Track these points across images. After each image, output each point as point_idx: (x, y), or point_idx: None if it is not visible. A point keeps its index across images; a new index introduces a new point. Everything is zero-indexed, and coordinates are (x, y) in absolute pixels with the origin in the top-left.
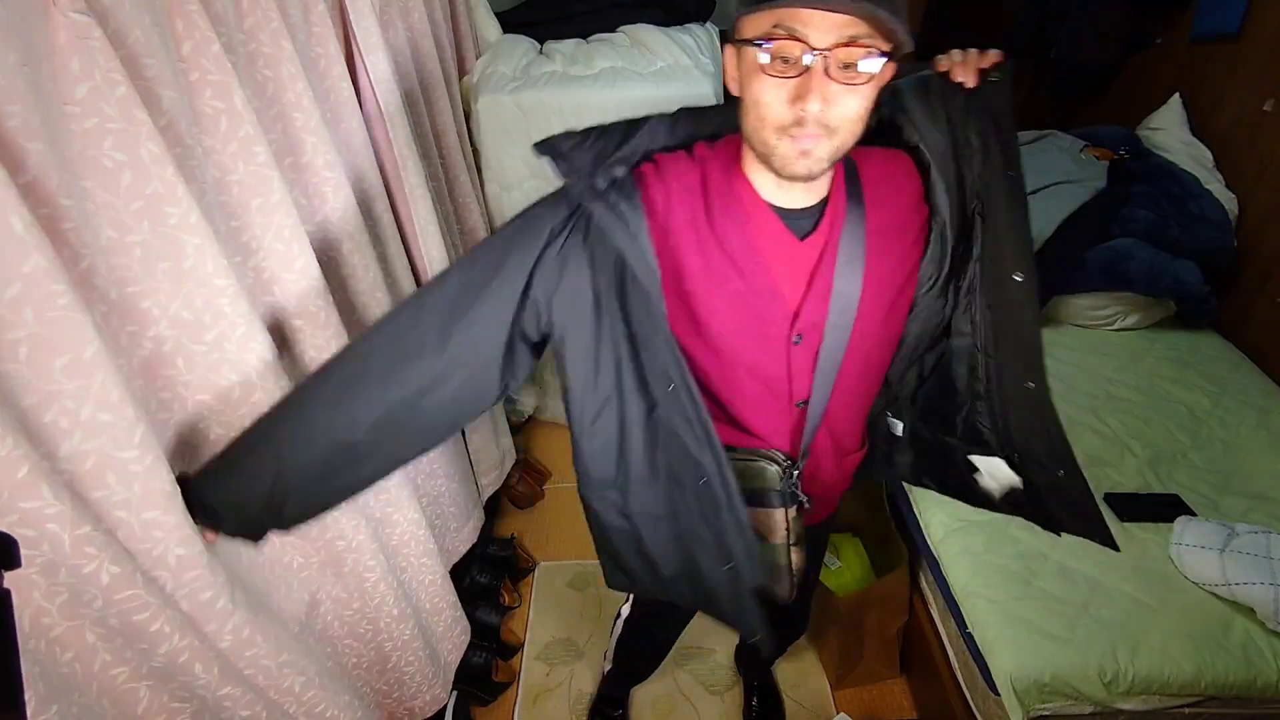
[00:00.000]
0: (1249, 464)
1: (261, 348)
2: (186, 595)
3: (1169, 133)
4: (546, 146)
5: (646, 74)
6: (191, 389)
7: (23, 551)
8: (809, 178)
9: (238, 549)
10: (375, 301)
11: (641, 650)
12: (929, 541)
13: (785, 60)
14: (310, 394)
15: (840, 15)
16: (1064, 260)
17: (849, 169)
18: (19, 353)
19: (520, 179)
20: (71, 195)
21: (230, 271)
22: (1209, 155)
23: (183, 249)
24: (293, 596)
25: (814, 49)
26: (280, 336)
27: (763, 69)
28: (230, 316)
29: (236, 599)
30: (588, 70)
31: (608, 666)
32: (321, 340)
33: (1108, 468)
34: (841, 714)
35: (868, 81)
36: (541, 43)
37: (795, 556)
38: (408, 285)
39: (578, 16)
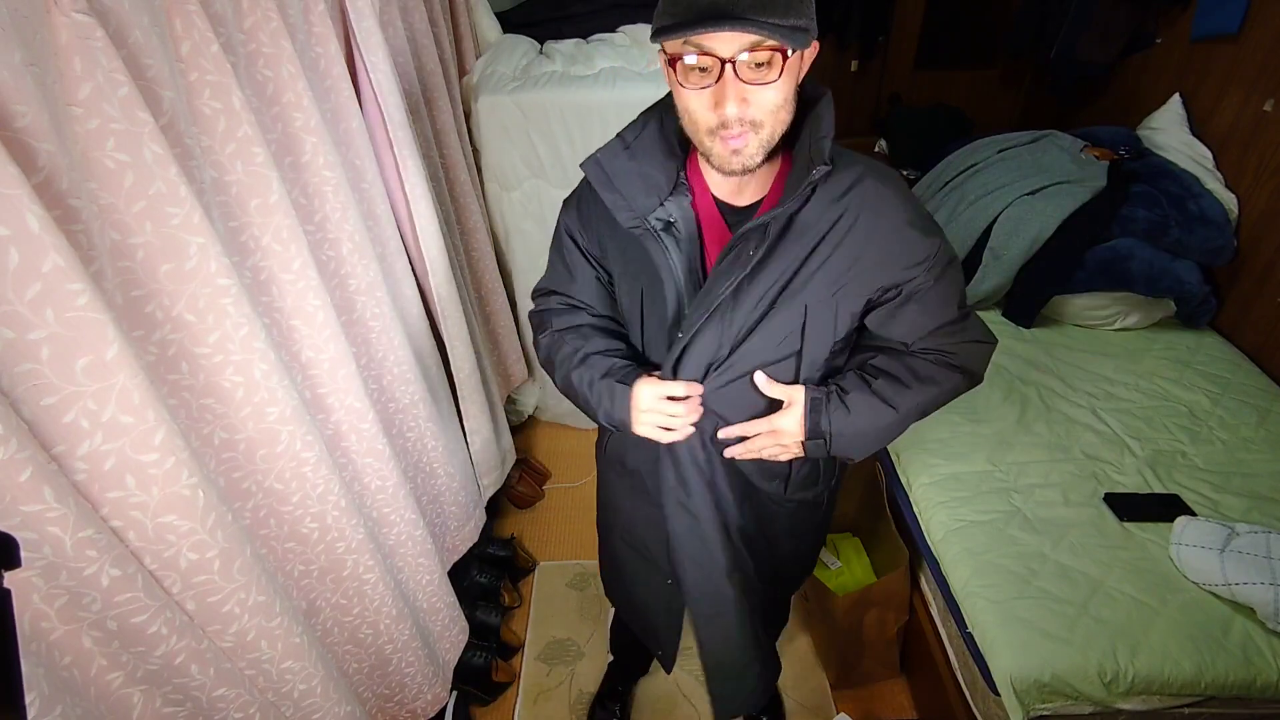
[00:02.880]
0: (1249, 464)
1: (263, 347)
2: (194, 597)
3: (1169, 133)
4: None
5: (646, 74)
6: (196, 393)
7: (23, 554)
8: (745, 171)
9: (249, 558)
10: (374, 301)
11: (629, 642)
12: (929, 541)
13: (701, 70)
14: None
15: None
16: (1064, 260)
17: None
18: (40, 353)
19: (520, 179)
20: (80, 196)
21: (232, 271)
22: (1209, 155)
23: (185, 250)
24: (291, 604)
25: (721, 59)
26: (278, 336)
27: (682, 82)
28: (234, 317)
29: (245, 604)
30: (588, 70)
31: (610, 658)
32: (319, 340)
33: (1108, 467)
34: (841, 714)
35: (780, 76)
36: (541, 43)
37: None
38: (408, 285)
39: (578, 16)
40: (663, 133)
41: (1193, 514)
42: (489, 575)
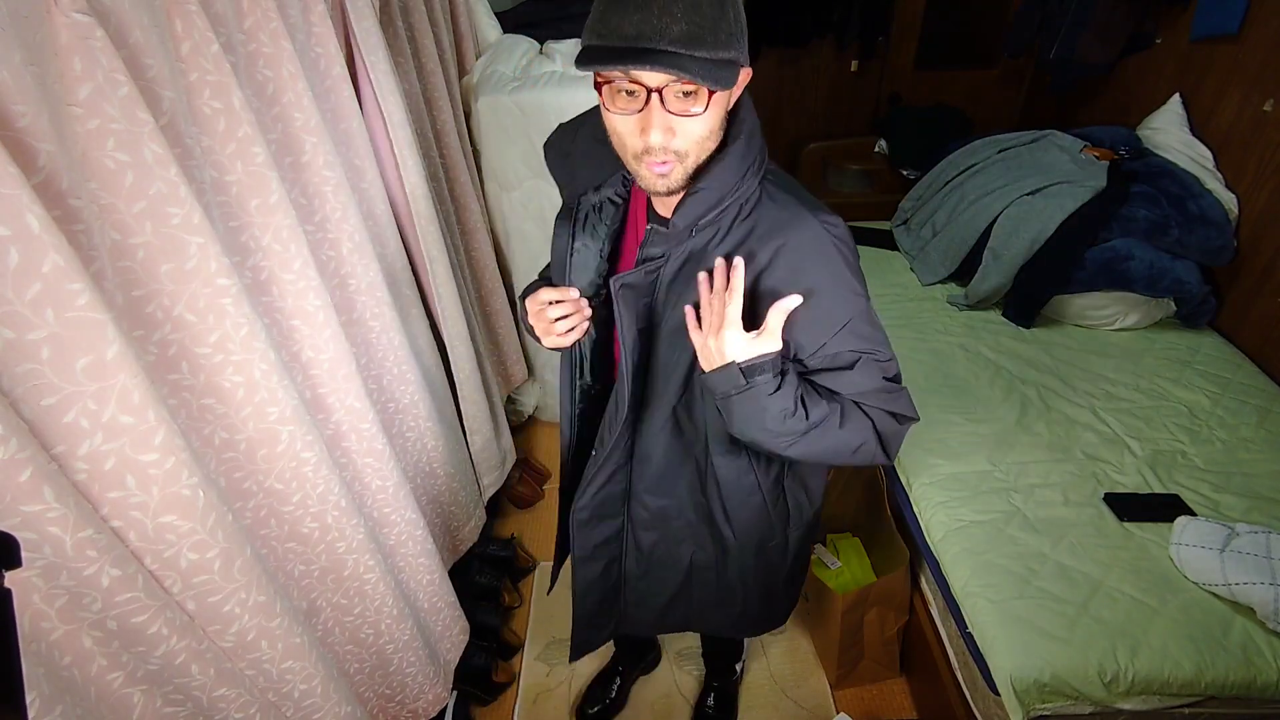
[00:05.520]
0: (1249, 464)
1: (264, 347)
2: (195, 597)
3: (1169, 133)
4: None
5: None
6: (196, 393)
7: (23, 554)
8: (670, 193)
9: (249, 558)
10: (374, 300)
11: (630, 639)
12: (929, 541)
13: (629, 94)
14: None
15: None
16: (1064, 260)
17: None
18: (40, 353)
19: (520, 179)
20: (80, 196)
21: (233, 271)
22: (1209, 155)
23: (185, 250)
24: (292, 605)
25: (648, 88)
26: (279, 336)
27: (609, 105)
28: (234, 316)
29: (245, 604)
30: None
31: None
32: (319, 340)
33: (1108, 467)
34: (841, 714)
35: (706, 109)
36: (541, 43)
37: None
38: (407, 285)
39: (578, 16)
40: None
41: (1193, 514)
42: (489, 575)
